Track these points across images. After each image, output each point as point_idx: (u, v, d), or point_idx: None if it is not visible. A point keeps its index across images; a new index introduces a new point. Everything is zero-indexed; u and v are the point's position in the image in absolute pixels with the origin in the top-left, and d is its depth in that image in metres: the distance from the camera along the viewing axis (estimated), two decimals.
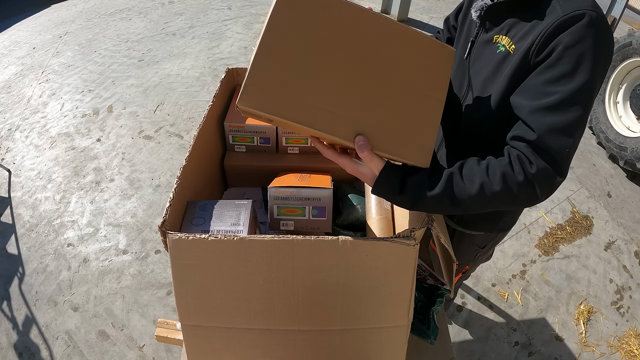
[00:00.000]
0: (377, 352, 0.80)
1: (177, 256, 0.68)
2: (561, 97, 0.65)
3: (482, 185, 0.65)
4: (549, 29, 0.67)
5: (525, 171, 0.65)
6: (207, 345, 0.79)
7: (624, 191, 2.64)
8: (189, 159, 0.83)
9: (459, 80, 0.92)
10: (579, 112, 0.65)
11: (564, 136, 0.65)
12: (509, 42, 0.76)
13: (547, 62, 0.67)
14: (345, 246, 0.66)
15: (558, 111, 0.65)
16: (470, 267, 1.30)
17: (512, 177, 0.65)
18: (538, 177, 0.65)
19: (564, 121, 0.65)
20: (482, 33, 0.85)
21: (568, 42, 0.65)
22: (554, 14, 0.68)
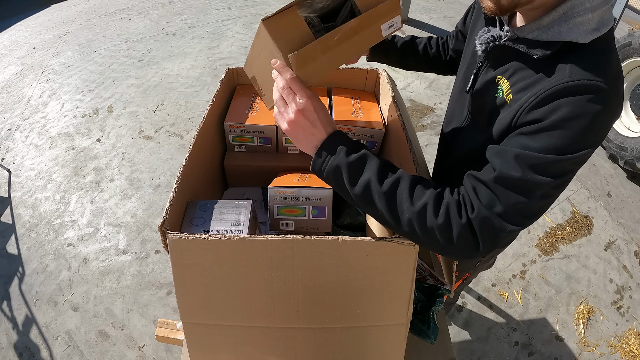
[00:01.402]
0: (377, 349, 0.80)
1: (178, 256, 0.68)
2: (538, 158, 0.58)
3: (426, 207, 0.60)
4: (549, 90, 0.59)
5: (467, 213, 0.59)
6: (208, 342, 0.79)
7: (624, 191, 2.64)
8: (189, 159, 0.84)
9: (459, 110, 0.87)
10: (552, 179, 0.58)
11: (520, 192, 0.58)
12: (508, 88, 0.69)
13: (532, 128, 0.60)
14: (345, 246, 0.67)
15: (528, 169, 0.58)
16: (470, 275, 1.29)
17: (455, 214, 0.60)
18: (477, 222, 0.59)
19: (531, 179, 0.58)
20: (487, 67, 0.78)
21: (568, 113, 0.57)
22: (559, 76, 0.60)
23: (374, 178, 0.62)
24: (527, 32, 0.66)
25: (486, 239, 0.59)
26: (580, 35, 0.60)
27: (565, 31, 0.61)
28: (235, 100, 1.16)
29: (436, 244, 0.61)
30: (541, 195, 0.59)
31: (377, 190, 0.62)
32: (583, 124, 0.57)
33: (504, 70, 0.72)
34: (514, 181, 0.59)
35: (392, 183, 0.62)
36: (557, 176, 0.59)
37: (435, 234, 0.60)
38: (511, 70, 0.70)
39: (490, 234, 0.59)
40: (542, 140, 0.59)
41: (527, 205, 0.59)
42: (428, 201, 0.60)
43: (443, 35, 1.13)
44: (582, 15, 0.59)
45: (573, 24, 0.60)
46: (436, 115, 3.08)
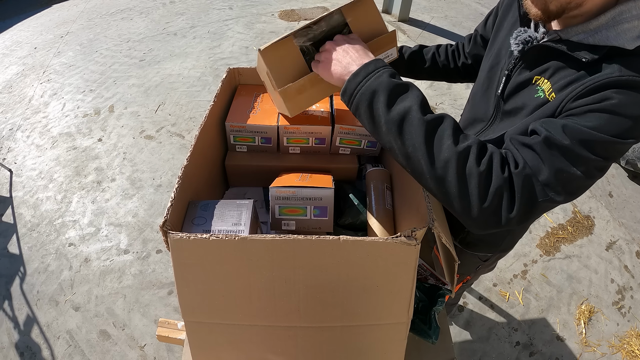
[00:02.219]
0: (377, 347, 0.80)
1: (179, 256, 0.68)
2: (582, 132, 0.57)
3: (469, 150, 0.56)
4: (599, 82, 0.59)
5: (509, 169, 0.56)
6: (209, 341, 0.79)
7: (625, 191, 2.63)
8: (190, 159, 0.84)
9: (483, 110, 0.86)
10: (595, 158, 0.57)
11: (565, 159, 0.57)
12: (549, 88, 0.67)
13: (584, 109, 0.59)
14: (346, 246, 0.67)
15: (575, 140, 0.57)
16: (471, 277, 1.29)
17: (497, 166, 0.56)
18: (520, 180, 0.56)
19: (580, 153, 0.56)
20: (521, 68, 0.75)
21: (618, 101, 0.57)
22: (609, 71, 0.60)
23: (415, 106, 0.58)
24: (572, 34, 0.65)
25: (523, 202, 0.56)
26: (627, 41, 0.60)
27: (612, 36, 0.61)
28: (236, 100, 1.16)
29: (466, 198, 0.56)
30: (584, 172, 0.58)
31: (418, 118, 0.57)
32: (632, 113, 0.57)
33: (543, 70, 0.71)
34: (562, 148, 0.57)
35: (436, 117, 0.58)
36: (602, 157, 0.58)
37: (472, 182, 0.56)
38: (551, 70, 0.69)
39: (529, 197, 0.56)
40: (592, 119, 0.58)
41: (570, 177, 0.57)
42: (472, 145, 0.57)
43: (443, 35, 1.13)
44: (629, 21, 0.60)
45: (621, 30, 0.61)
46: None
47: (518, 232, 1.06)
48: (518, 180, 0.56)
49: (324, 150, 1.14)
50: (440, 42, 4.13)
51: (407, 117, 0.58)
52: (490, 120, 0.84)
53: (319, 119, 1.09)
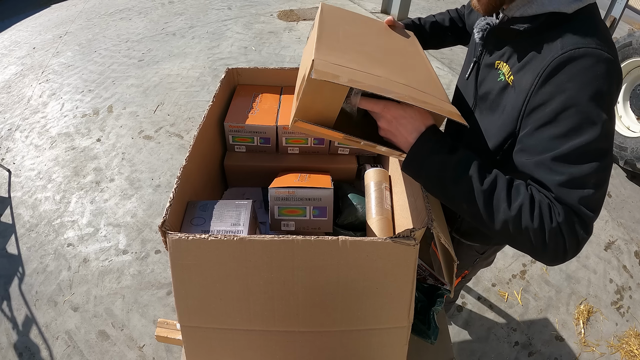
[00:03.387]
0: (378, 353, 0.79)
1: (177, 256, 0.68)
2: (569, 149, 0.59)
3: (521, 208, 0.59)
4: (547, 69, 0.62)
5: (555, 218, 0.59)
6: (206, 347, 0.79)
7: (624, 191, 2.64)
8: (189, 159, 0.83)
9: (466, 99, 0.90)
10: (594, 164, 0.59)
11: (580, 189, 0.59)
12: (508, 71, 0.72)
13: (548, 114, 0.62)
14: (345, 246, 0.66)
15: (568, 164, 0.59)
16: (469, 272, 1.30)
17: (547, 218, 0.59)
18: (565, 227, 0.59)
19: (577, 174, 0.59)
20: (486, 55, 0.81)
21: (570, 93, 0.59)
22: (552, 50, 0.62)
23: (475, 176, 0.62)
24: (514, 10, 0.70)
25: (572, 241, 0.60)
26: (563, 4, 0.63)
27: (547, 2, 0.64)
28: (235, 101, 1.16)
29: (529, 245, 0.62)
30: (595, 184, 0.59)
31: (478, 189, 0.61)
32: (589, 93, 0.58)
33: (502, 55, 0.75)
34: (567, 183, 0.59)
35: (491, 182, 0.62)
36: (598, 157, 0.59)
37: (529, 236, 0.60)
38: (507, 53, 0.73)
39: (574, 235, 0.60)
40: (561, 125, 0.60)
41: (588, 199, 0.59)
42: (524, 202, 0.60)
43: None
44: None
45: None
46: None
47: None
48: (565, 228, 0.59)
49: (323, 151, 1.14)
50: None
51: (470, 189, 0.62)
52: (472, 106, 0.87)
53: None
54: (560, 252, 0.60)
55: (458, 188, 0.63)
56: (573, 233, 0.59)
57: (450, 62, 3.74)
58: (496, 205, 0.61)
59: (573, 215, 0.59)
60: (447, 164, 0.63)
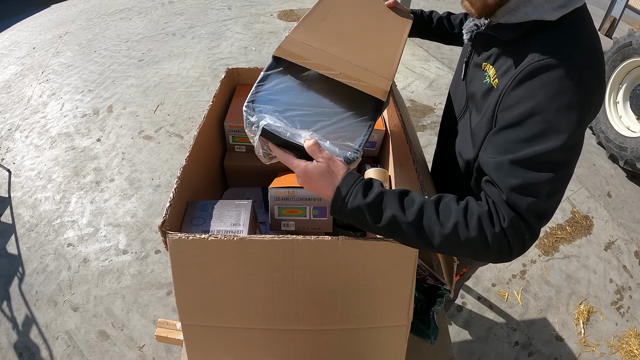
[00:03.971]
0: (377, 351, 0.80)
1: (177, 256, 0.68)
2: (528, 155, 0.60)
3: (457, 225, 0.60)
4: (521, 73, 0.62)
5: (500, 223, 0.61)
6: (207, 345, 0.79)
7: (624, 191, 2.64)
8: (189, 159, 0.84)
9: (458, 99, 0.90)
10: (550, 174, 0.60)
11: (531, 197, 0.60)
12: (494, 74, 0.72)
13: (515, 117, 0.62)
14: (345, 246, 0.67)
15: (525, 169, 0.60)
16: (468, 270, 1.30)
17: (488, 225, 0.61)
18: (510, 232, 0.60)
19: (532, 180, 0.60)
20: (474, 55, 0.81)
21: (539, 99, 0.59)
22: (530, 57, 0.63)
23: (397, 212, 0.62)
24: (499, 16, 0.70)
25: (517, 244, 0.61)
26: (546, 12, 0.62)
27: (530, 11, 0.63)
28: (235, 101, 1.16)
29: (472, 254, 0.63)
30: (548, 193, 0.60)
31: (404, 222, 0.61)
32: (559, 103, 0.58)
33: (488, 57, 0.75)
34: (520, 188, 0.60)
35: (417, 212, 0.62)
36: (556, 168, 0.60)
37: (471, 246, 0.61)
38: (494, 56, 0.73)
39: (520, 239, 0.61)
40: (526, 130, 0.60)
41: (537, 206, 0.60)
42: (458, 219, 0.61)
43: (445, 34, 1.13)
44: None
45: (537, 3, 0.63)
46: (436, 115, 3.08)
47: None
48: (509, 232, 0.61)
49: None
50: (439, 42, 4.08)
51: (396, 224, 0.62)
52: (463, 108, 0.87)
53: None
54: (505, 253, 0.62)
55: (385, 227, 0.62)
56: (519, 237, 0.61)
57: (450, 62, 3.74)
58: (429, 231, 0.61)
59: (520, 220, 0.61)
60: (365, 209, 0.62)
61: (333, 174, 0.64)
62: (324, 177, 0.65)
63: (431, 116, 3.08)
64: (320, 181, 0.65)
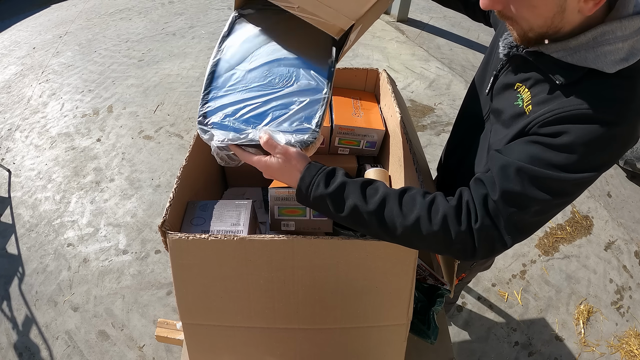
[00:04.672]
0: (377, 350, 0.80)
1: (177, 256, 0.68)
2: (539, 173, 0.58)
3: (419, 219, 0.60)
4: (563, 113, 0.59)
5: (469, 222, 0.60)
6: (207, 343, 0.79)
7: (624, 191, 2.64)
8: (189, 159, 0.84)
9: (479, 109, 0.87)
10: (549, 197, 0.59)
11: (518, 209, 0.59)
12: (529, 98, 0.67)
13: (544, 140, 0.60)
14: (345, 246, 0.67)
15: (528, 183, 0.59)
16: (467, 275, 1.29)
17: (453, 222, 0.60)
18: (480, 234, 0.60)
19: (529, 194, 0.59)
20: (507, 71, 0.76)
21: (574, 139, 0.57)
22: (578, 100, 0.59)
23: (359, 202, 0.62)
24: (552, 50, 0.63)
25: (483, 248, 0.61)
26: (607, 65, 0.57)
27: (591, 58, 0.58)
28: None
29: (433, 248, 0.64)
30: (536, 212, 0.60)
31: (366, 211, 0.62)
32: (588, 151, 0.57)
33: (525, 79, 0.70)
34: (514, 195, 0.59)
35: (380, 202, 0.63)
36: (557, 194, 0.59)
37: (433, 240, 0.61)
38: (532, 80, 0.68)
39: (489, 244, 0.61)
40: (548, 155, 0.59)
41: (521, 218, 0.60)
42: (420, 214, 0.61)
43: (442, 35, 1.11)
44: (611, 44, 0.57)
45: (601, 52, 0.58)
46: (436, 115, 3.08)
47: None
48: (478, 234, 0.60)
49: (323, 151, 1.14)
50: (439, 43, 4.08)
51: (358, 214, 0.63)
52: (485, 117, 0.85)
53: None
54: (468, 253, 0.62)
55: (348, 216, 0.64)
56: (488, 241, 0.61)
57: (450, 62, 3.74)
58: (390, 222, 0.62)
59: (493, 228, 0.60)
60: (327, 198, 0.64)
61: (292, 166, 0.66)
62: (284, 170, 0.67)
63: (431, 116, 3.08)
64: (282, 174, 0.67)
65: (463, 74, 3.54)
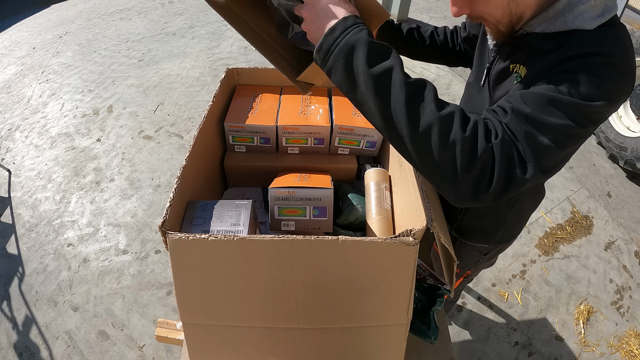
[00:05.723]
0: (377, 349, 0.80)
1: (178, 256, 0.68)
2: (558, 97, 0.57)
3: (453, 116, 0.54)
4: (561, 57, 0.62)
5: (490, 138, 0.55)
6: (207, 343, 0.79)
7: (624, 191, 2.64)
8: (189, 159, 0.84)
9: (479, 104, 0.87)
10: (569, 123, 0.57)
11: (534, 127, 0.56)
12: (525, 72, 0.71)
13: (554, 78, 0.60)
14: (345, 246, 0.67)
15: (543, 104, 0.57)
16: (472, 272, 1.30)
17: (481, 134, 0.55)
18: (502, 150, 0.54)
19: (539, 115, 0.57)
20: (499, 60, 0.79)
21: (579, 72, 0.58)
22: (568, 50, 0.62)
23: (397, 67, 0.55)
24: (535, 26, 0.67)
25: (501, 174, 0.54)
26: (586, 22, 0.62)
27: (570, 19, 0.63)
28: (235, 101, 1.16)
29: (447, 164, 0.54)
30: (552, 140, 0.57)
31: (400, 79, 0.54)
32: (592, 78, 0.58)
33: (518, 58, 0.74)
34: (527, 117, 0.57)
35: (418, 80, 0.56)
36: (573, 120, 0.58)
37: (456, 148, 0.53)
38: (524, 57, 0.72)
39: (507, 169, 0.55)
40: (556, 86, 0.59)
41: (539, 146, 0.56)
42: (455, 111, 0.55)
43: None
44: (585, 3, 0.62)
45: (577, 12, 0.62)
46: None
47: (511, 223, 1.06)
48: (498, 151, 0.54)
49: (323, 151, 1.14)
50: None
51: (388, 77, 0.55)
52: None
53: (318, 119, 1.09)
54: (484, 181, 0.54)
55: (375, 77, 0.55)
56: (507, 162, 0.54)
57: None
58: (421, 104, 0.54)
59: (513, 145, 0.55)
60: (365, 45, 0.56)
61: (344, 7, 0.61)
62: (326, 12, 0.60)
63: None
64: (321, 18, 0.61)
65: (463, 74, 3.54)
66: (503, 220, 1.02)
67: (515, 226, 1.08)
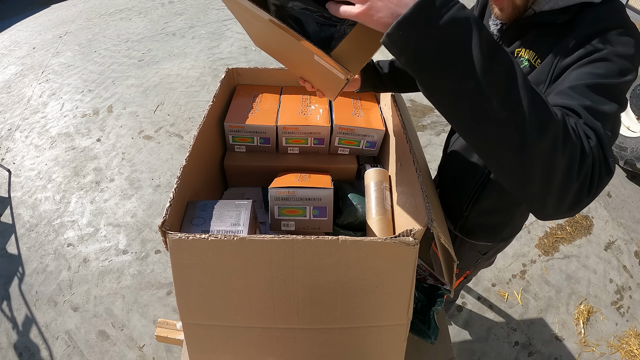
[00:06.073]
0: (377, 349, 0.80)
1: (178, 256, 0.68)
2: (608, 83, 0.57)
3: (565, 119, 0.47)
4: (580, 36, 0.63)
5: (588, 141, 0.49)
6: (207, 343, 0.79)
7: (624, 191, 2.64)
8: (189, 159, 0.84)
9: None
10: (617, 107, 0.56)
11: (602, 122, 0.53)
12: (533, 56, 0.72)
13: (589, 59, 0.60)
14: (345, 246, 0.66)
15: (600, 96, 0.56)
16: (471, 272, 1.30)
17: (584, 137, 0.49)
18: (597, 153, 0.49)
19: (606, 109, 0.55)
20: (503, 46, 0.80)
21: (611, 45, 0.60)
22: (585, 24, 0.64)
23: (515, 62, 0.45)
24: (543, 4, 0.69)
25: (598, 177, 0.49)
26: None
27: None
28: (235, 101, 1.16)
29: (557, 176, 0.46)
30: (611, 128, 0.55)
31: (522, 76, 0.45)
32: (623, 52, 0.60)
33: (522, 42, 0.75)
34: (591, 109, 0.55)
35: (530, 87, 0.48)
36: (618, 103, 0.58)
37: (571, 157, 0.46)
38: (531, 39, 0.74)
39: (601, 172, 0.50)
40: (597, 70, 0.60)
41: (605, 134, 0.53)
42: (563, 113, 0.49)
43: None
44: None
45: None
46: (436, 115, 3.08)
47: (518, 221, 1.06)
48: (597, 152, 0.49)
49: (323, 151, 1.14)
50: None
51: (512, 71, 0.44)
52: None
53: (318, 119, 1.09)
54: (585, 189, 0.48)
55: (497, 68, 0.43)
56: (601, 163, 0.49)
57: None
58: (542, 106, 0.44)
59: (599, 146, 0.50)
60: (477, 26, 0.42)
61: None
62: None
63: (431, 116, 3.07)
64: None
65: None
66: (511, 217, 1.02)
67: (519, 223, 1.09)
